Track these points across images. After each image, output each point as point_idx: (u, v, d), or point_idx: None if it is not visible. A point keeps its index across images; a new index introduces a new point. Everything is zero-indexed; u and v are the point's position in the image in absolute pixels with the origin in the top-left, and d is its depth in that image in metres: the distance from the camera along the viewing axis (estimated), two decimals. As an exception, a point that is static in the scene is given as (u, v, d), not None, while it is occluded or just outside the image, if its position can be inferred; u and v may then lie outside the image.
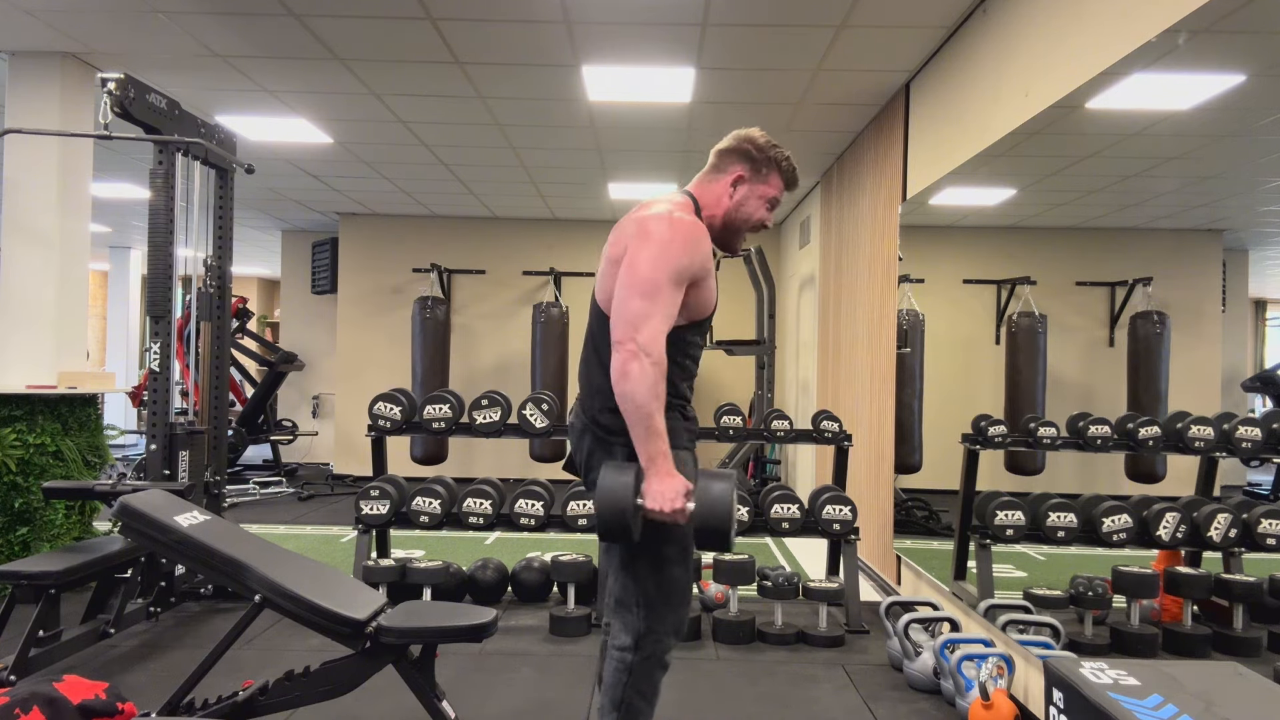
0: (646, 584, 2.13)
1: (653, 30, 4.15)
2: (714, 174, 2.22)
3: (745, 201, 2.19)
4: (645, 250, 2.01)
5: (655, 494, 1.96)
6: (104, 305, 13.18)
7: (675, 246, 2.02)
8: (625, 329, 1.97)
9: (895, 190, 4.83)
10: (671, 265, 2.00)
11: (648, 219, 2.07)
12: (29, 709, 2.13)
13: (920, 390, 5.32)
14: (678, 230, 2.04)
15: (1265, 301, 4.33)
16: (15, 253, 4.60)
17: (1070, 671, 1.60)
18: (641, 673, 2.14)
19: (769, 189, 2.21)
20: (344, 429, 9.27)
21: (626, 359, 1.95)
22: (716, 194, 2.20)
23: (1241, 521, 3.55)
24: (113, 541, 3.52)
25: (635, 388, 1.95)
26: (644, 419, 1.96)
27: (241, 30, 4.28)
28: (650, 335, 1.96)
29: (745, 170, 2.18)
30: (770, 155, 2.19)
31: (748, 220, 2.21)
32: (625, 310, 1.99)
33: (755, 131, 2.22)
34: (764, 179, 2.20)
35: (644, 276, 1.99)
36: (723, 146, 2.22)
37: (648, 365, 1.95)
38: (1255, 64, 2.74)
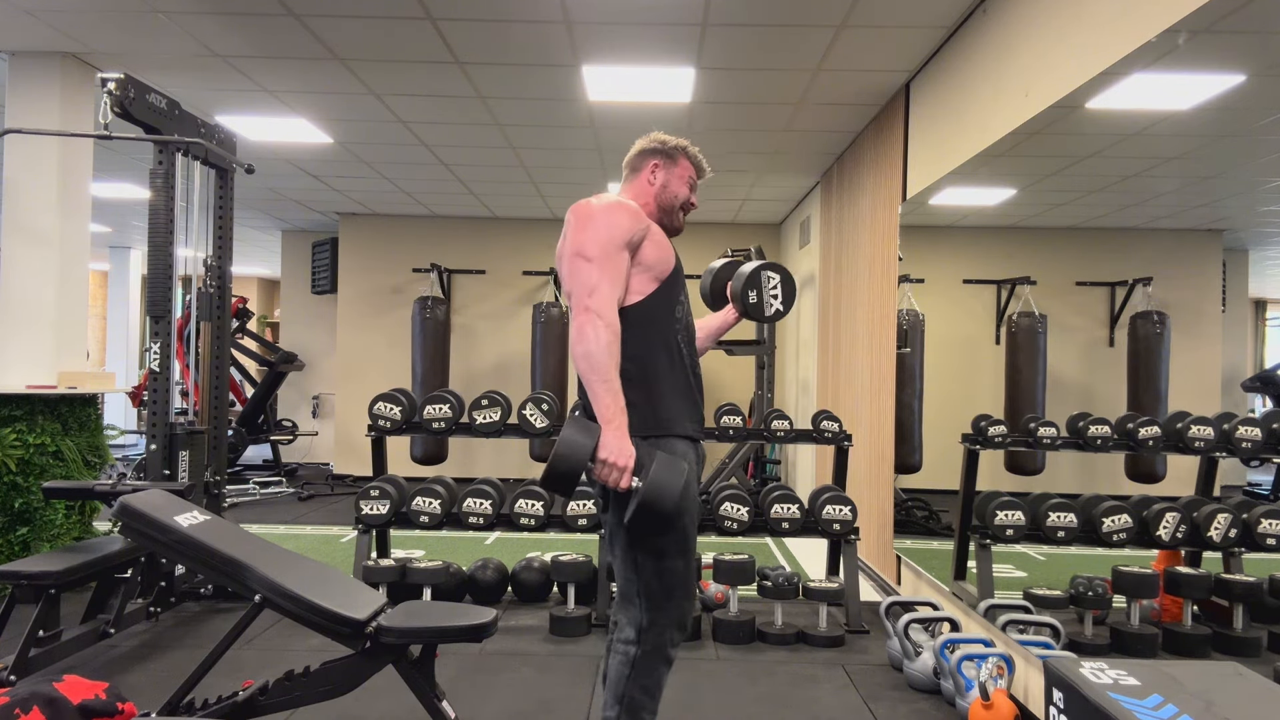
0: (646, 574, 2.16)
1: (653, 30, 4.15)
2: (633, 175, 2.43)
3: (668, 184, 2.41)
4: (579, 229, 2.18)
5: (610, 445, 2.04)
6: (104, 305, 13.18)
7: (602, 216, 2.18)
8: (578, 295, 2.11)
9: (895, 190, 4.83)
10: (604, 232, 2.15)
11: (573, 209, 2.25)
12: (29, 709, 2.13)
13: (920, 390, 5.32)
14: (601, 203, 2.22)
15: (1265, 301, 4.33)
16: (15, 253, 4.60)
17: (1070, 671, 1.60)
18: (644, 667, 2.15)
19: (684, 170, 2.44)
20: (344, 429, 9.27)
21: (582, 322, 2.08)
22: (641, 188, 2.41)
23: (1241, 521, 3.55)
24: (113, 541, 3.52)
25: (591, 347, 2.06)
26: (601, 378, 2.06)
27: (241, 30, 4.28)
28: (601, 299, 2.10)
29: (659, 159, 2.41)
30: (676, 145, 2.44)
31: (676, 198, 2.43)
32: (575, 280, 2.14)
33: (658, 134, 2.46)
34: (676, 163, 2.43)
35: (584, 248, 2.14)
36: (633, 152, 2.44)
37: (600, 327, 2.07)
38: (1255, 64, 2.74)
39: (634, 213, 2.23)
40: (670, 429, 2.19)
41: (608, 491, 2.18)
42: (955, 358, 5.58)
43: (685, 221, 2.50)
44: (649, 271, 2.23)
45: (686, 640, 3.82)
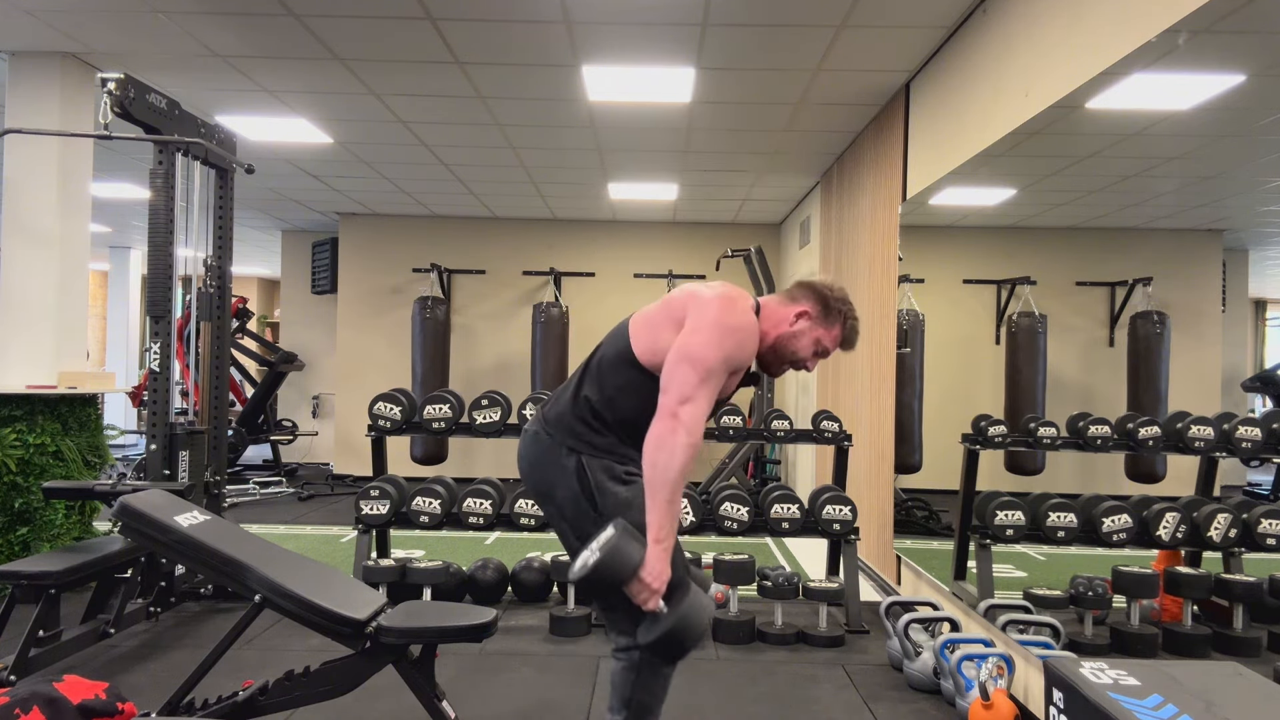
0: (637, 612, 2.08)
1: (653, 30, 4.15)
2: (786, 299, 2.26)
3: (800, 336, 2.22)
4: (707, 329, 2.05)
5: (652, 567, 1.97)
6: (104, 305, 13.18)
7: (733, 336, 2.07)
8: (673, 398, 2.01)
9: (895, 190, 4.83)
10: (726, 350, 2.05)
11: (718, 299, 2.11)
12: (29, 709, 2.13)
13: (920, 390, 5.33)
14: (740, 320, 2.10)
15: (1265, 301, 4.33)
16: (15, 253, 4.60)
17: (1070, 671, 1.60)
18: (650, 670, 2.13)
19: (825, 337, 2.25)
20: (344, 429, 9.27)
21: (670, 429, 1.99)
22: (780, 316, 2.23)
23: (1241, 521, 3.55)
24: (113, 541, 3.52)
25: (670, 460, 1.98)
26: (667, 496, 1.99)
27: (241, 30, 4.28)
28: (694, 414, 2.00)
29: (814, 309, 2.22)
30: (841, 309, 2.24)
31: (794, 354, 2.24)
32: (676, 380, 2.02)
33: (839, 284, 2.28)
34: (826, 325, 2.24)
35: (700, 354, 2.02)
36: (804, 280, 2.28)
37: (685, 444, 1.98)
38: (1255, 64, 2.74)
39: (754, 343, 2.14)
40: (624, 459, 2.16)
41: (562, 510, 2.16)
42: (955, 358, 5.58)
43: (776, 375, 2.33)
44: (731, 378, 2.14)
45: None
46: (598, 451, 2.14)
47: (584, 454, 2.14)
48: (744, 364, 2.13)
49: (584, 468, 2.12)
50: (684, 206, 8.31)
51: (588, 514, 2.12)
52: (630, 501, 2.10)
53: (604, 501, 2.11)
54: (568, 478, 2.14)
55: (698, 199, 7.95)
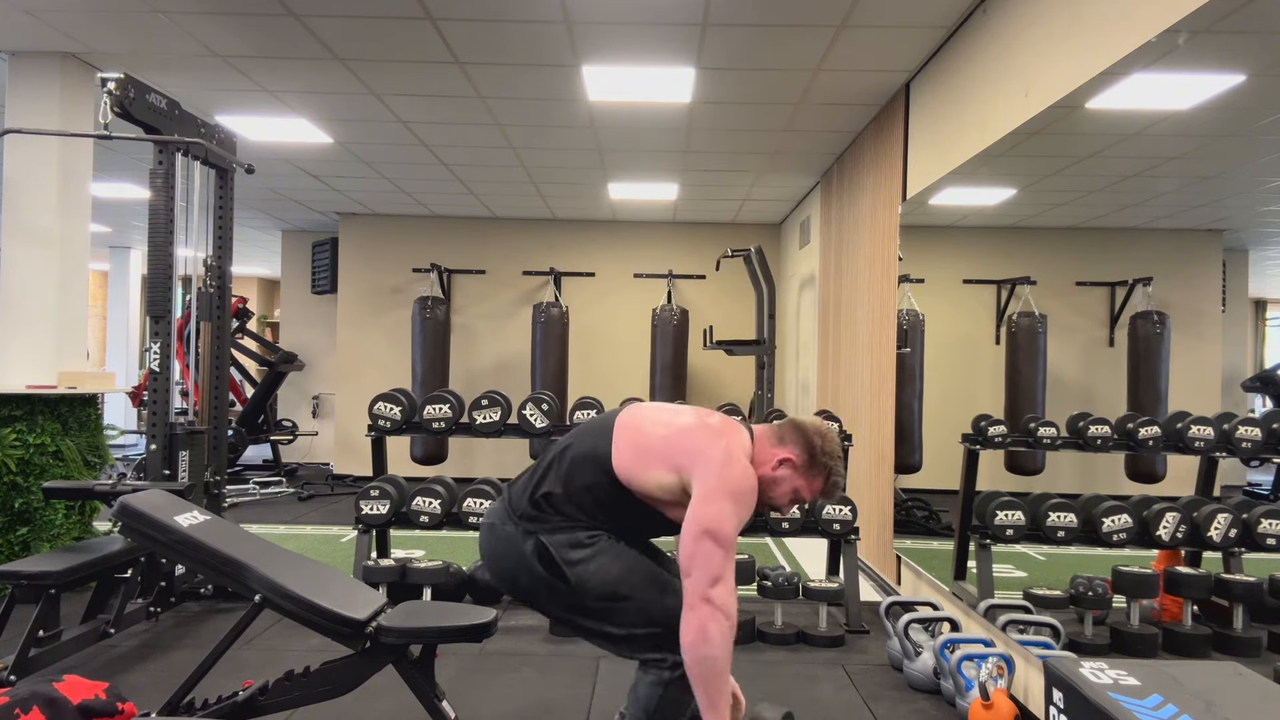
0: (639, 630, 2.10)
1: (653, 30, 4.15)
2: (776, 440, 2.22)
3: (779, 482, 2.19)
4: (719, 496, 2.02)
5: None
6: (104, 305, 13.18)
7: (745, 499, 2.06)
8: (704, 581, 1.96)
9: (895, 190, 4.83)
10: (741, 518, 2.05)
11: (724, 457, 2.07)
12: (29, 709, 2.13)
13: (920, 390, 5.33)
14: (747, 482, 2.08)
15: (1265, 301, 4.33)
16: (15, 253, 4.60)
17: (1070, 671, 1.60)
18: (679, 687, 2.09)
19: (805, 488, 2.21)
20: (344, 429, 9.27)
21: (709, 617, 1.94)
22: (766, 456, 2.19)
23: (1241, 521, 3.56)
24: (113, 541, 3.52)
25: (716, 652, 1.95)
26: (718, 687, 1.97)
27: (241, 30, 4.28)
28: (726, 593, 1.97)
29: (799, 458, 2.18)
30: (827, 464, 2.20)
31: (771, 500, 2.22)
32: (698, 559, 1.98)
33: (831, 435, 2.23)
34: (808, 477, 2.20)
35: (720, 528, 1.99)
36: (798, 423, 2.23)
37: (726, 627, 1.96)
38: (1255, 64, 2.74)
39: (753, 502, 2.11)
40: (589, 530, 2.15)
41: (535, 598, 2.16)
42: (955, 358, 5.58)
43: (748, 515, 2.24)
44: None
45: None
46: (555, 530, 2.13)
47: (541, 534, 2.13)
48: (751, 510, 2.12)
49: (544, 546, 2.11)
50: (684, 206, 8.31)
51: (559, 589, 2.10)
52: (601, 565, 2.09)
53: (573, 573, 2.09)
54: (528, 561, 2.12)
55: (698, 199, 7.95)
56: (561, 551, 2.11)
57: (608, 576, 2.08)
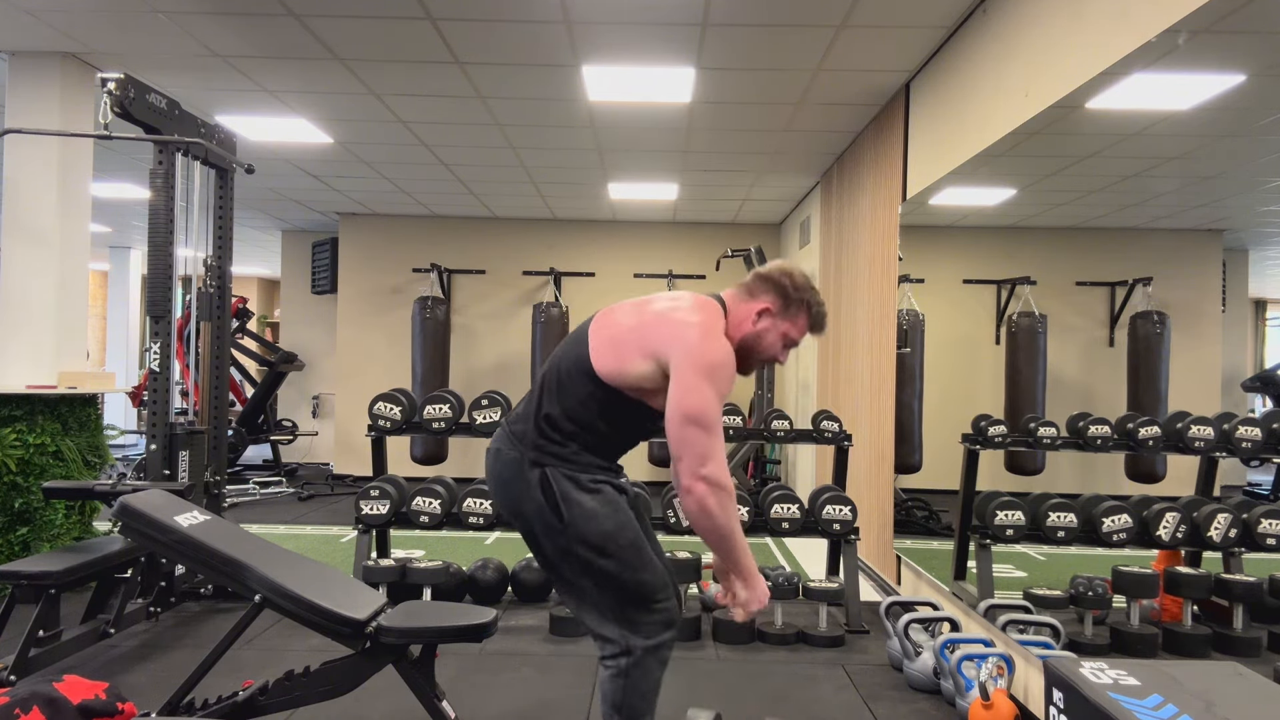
0: (608, 597, 2.11)
1: (653, 30, 4.15)
2: (746, 296, 2.21)
3: (765, 334, 2.18)
4: (695, 379, 2.01)
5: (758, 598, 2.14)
6: (104, 305, 13.18)
7: (721, 374, 2.04)
8: (692, 465, 1.99)
9: (895, 190, 4.83)
10: (721, 393, 2.04)
11: (694, 336, 2.06)
12: (29, 709, 2.13)
13: (920, 390, 5.33)
14: (723, 354, 2.06)
15: (1265, 301, 4.33)
16: (15, 253, 4.60)
17: (1070, 671, 1.60)
18: (639, 674, 2.12)
19: (792, 329, 2.20)
20: (344, 429, 9.27)
21: (703, 497, 1.99)
22: (742, 316, 2.19)
23: (1241, 521, 3.55)
24: (113, 541, 3.52)
25: (718, 522, 2.02)
26: (734, 543, 2.07)
27: (241, 30, 4.28)
28: (717, 467, 2.00)
29: (774, 304, 2.18)
30: (803, 297, 2.18)
31: (762, 354, 2.21)
32: (686, 445, 2.00)
33: (797, 270, 2.21)
34: (790, 317, 2.19)
35: (700, 409, 1.99)
36: (762, 272, 2.22)
37: (724, 497, 2.00)
38: (1255, 64, 2.74)
39: (732, 371, 2.09)
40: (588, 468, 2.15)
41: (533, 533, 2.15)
42: (955, 358, 5.58)
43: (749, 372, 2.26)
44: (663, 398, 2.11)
45: (686, 641, 3.83)
46: (561, 462, 2.12)
47: (547, 466, 2.12)
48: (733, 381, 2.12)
49: (548, 479, 2.11)
50: (684, 206, 8.31)
51: (554, 526, 2.10)
52: (595, 513, 2.09)
53: (569, 512, 2.09)
54: (532, 491, 2.12)
55: (698, 199, 7.95)
56: (563, 486, 2.10)
57: (600, 527, 2.09)
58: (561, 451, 2.13)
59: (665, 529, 4.23)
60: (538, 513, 2.12)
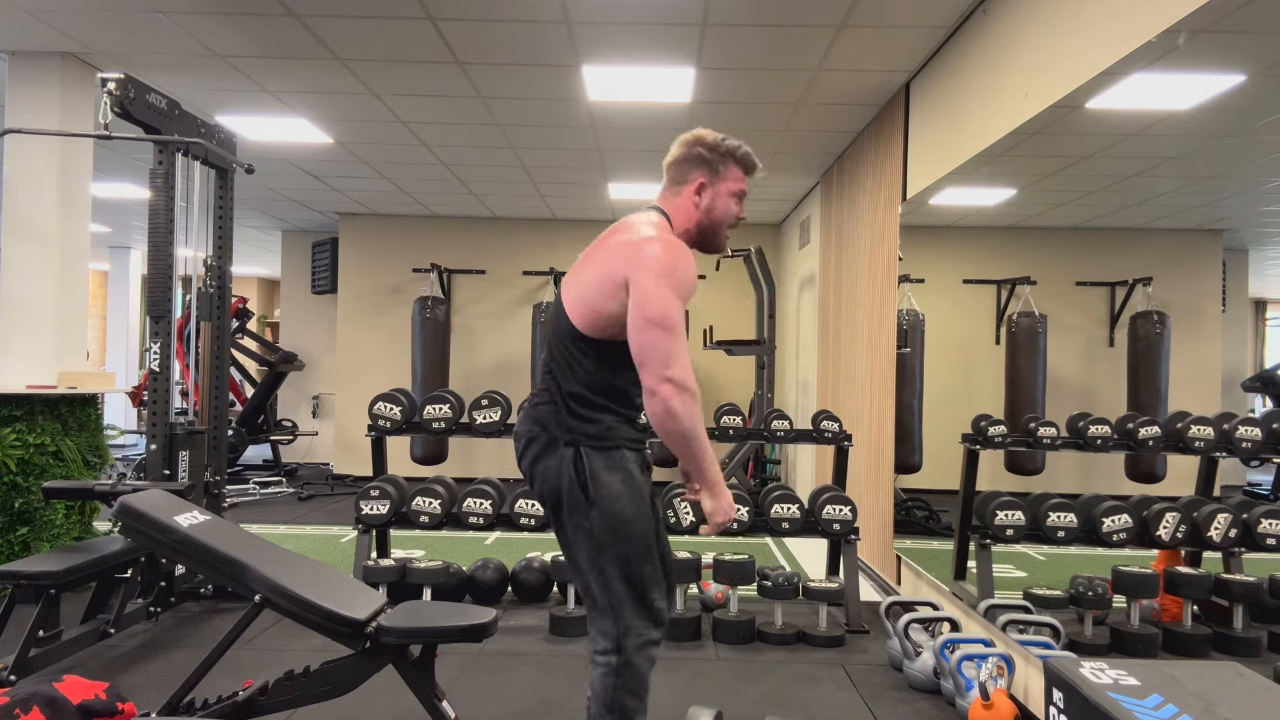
0: (614, 585, 2.14)
1: (653, 30, 4.15)
2: (675, 187, 2.22)
3: (713, 205, 2.21)
4: (653, 282, 2.02)
5: (724, 506, 2.12)
6: (104, 305, 13.18)
7: (679, 275, 2.04)
8: (656, 368, 2.00)
9: (895, 190, 4.83)
10: (679, 295, 2.04)
11: (646, 247, 2.07)
12: (29, 709, 2.14)
13: (920, 390, 5.33)
14: (678, 258, 2.06)
15: (1265, 301, 4.33)
16: (15, 253, 4.60)
17: (1070, 671, 1.60)
18: (630, 673, 2.13)
19: (732, 184, 2.22)
20: (344, 429, 9.27)
21: (668, 399, 1.99)
22: (683, 208, 2.21)
23: (1241, 521, 3.55)
24: (113, 541, 3.52)
25: (683, 425, 2.01)
26: (698, 447, 2.06)
27: (241, 30, 4.28)
28: (680, 368, 2.00)
29: (704, 175, 2.19)
30: (724, 150, 2.20)
31: (722, 222, 2.23)
32: (649, 349, 2.01)
33: (702, 131, 2.22)
34: (724, 176, 2.21)
35: (660, 311, 2.00)
36: (675, 157, 2.23)
37: (688, 399, 2.00)
38: (1255, 64, 2.74)
39: (693, 269, 2.10)
40: (621, 443, 2.17)
41: (560, 508, 2.17)
42: (955, 358, 5.58)
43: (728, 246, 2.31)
44: None
45: (686, 640, 3.84)
46: (592, 440, 2.14)
47: (582, 445, 2.14)
48: (694, 288, 2.11)
49: (580, 456, 2.13)
50: (684, 206, 8.30)
51: (579, 503, 2.13)
52: (621, 494, 2.12)
53: (597, 492, 2.11)
54: (565, 466, 2.15)
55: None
56: (594, 465, 2.12)
57: (622, 511, 2.12)
58: (592, 430, 2.14)
59: (666, 529, 4.23)
60: (568, 489, 2.14)
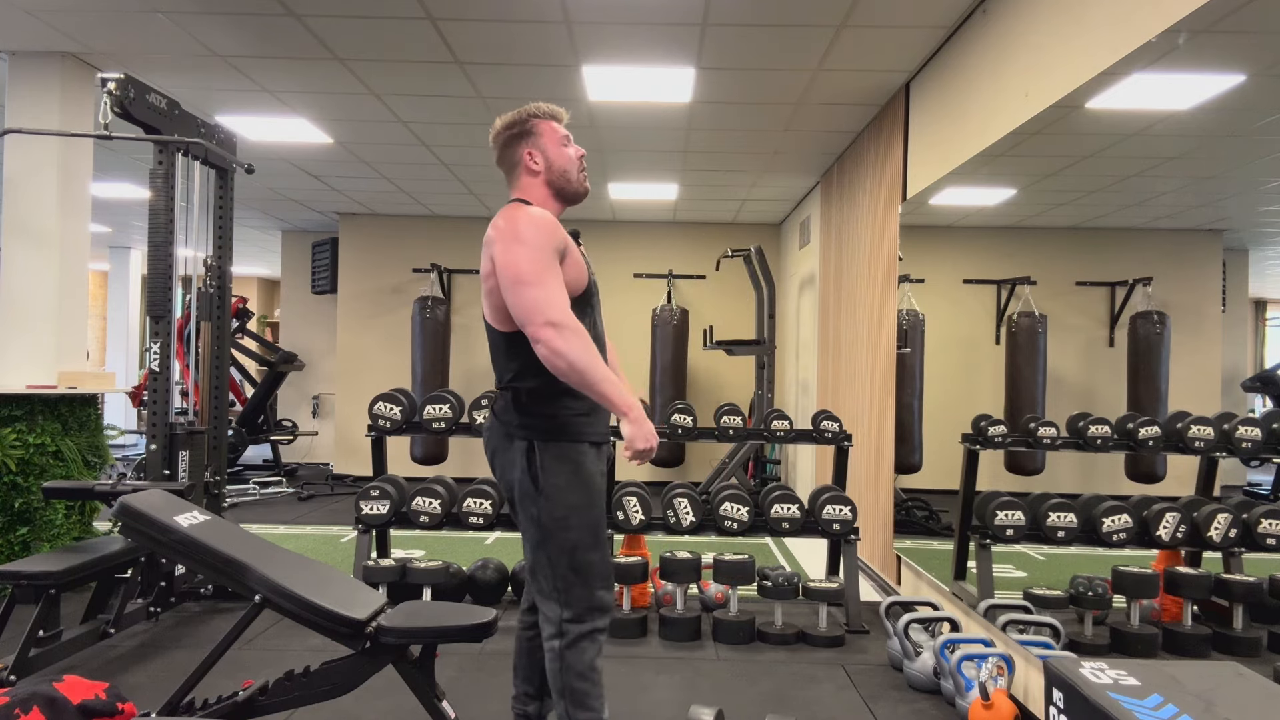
0: (560, 568, 2.21)
1: (653, 30, 4.15)
2: (514, 172, 2.33)
3: (549, 158, 2.30)
4: (503, 249, 2.12)
5: (644, 433, 2.10)
6: (104, 305, 13.18)
7: (525, 232, 2.12)
8: (533, 318, 2.07)
9: (895, 190, 4.83)
10: (537, 248, 2.11)
11: (492, 227, 2.19)
12: (29, 709, 2.13)
13: (920, 390, 5.32)
14: (520, 219, 2.15)
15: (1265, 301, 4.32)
16: (15, 253, 4.60)
17: (1070, 671, 1.60)
18: (573, 656, 2.20)
19: (550, 134, 2.31)
20: (344, 429, 9.27)
21: (550, 341, 2.05)
22: (529, 181, 2.31)
23: (1241, 521, 3.55)
24: (113, 541, 3.52)
25: (572, 361, 2.05)
26: (593, 378, 2.07)
27: (241, 30, 4.28)
28: (556, 310, 2.06)
29: (525, 145, 2.30)
30: (524, 117, 2.31)
31: (567, 166, 2.31)
32: (522, 304, 2.08)
33: (498, 119, 2.32)
34: (539, 133, 2.30)
35: (515, 271, 2.09)
36: (498, 154, 2.35)
37: (570, 336, 2.05)
38: (1255, 64, 2.74)
39: (552, 223, 2.18)
40: (577, 437, 2.24)
41: (513, 492, 2.25)
42: (955, 358, 5.58)
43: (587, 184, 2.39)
44: None
45: (686, 640, 3.83)
46: (545, 434, 2.21)
47: (535, 438, 2.21)
48: (562, 240, 2.18)
49: (533, 449, 2.21)
50: (684, 206, 8.31)
51: (529, 492, 2.21)
52: (570, 485, 2.19)
53: (546, 481, 2.19)
54: (518, 458, 2.23)
55: (698, 199, 7.95)
56: (545, 458, 2.20)
57: (570, 500, 2.20)
58: (543, 424, 2.22)
59: (665, 529, 4.24)
60: (519, 480, 2.22)
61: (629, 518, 4.21)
